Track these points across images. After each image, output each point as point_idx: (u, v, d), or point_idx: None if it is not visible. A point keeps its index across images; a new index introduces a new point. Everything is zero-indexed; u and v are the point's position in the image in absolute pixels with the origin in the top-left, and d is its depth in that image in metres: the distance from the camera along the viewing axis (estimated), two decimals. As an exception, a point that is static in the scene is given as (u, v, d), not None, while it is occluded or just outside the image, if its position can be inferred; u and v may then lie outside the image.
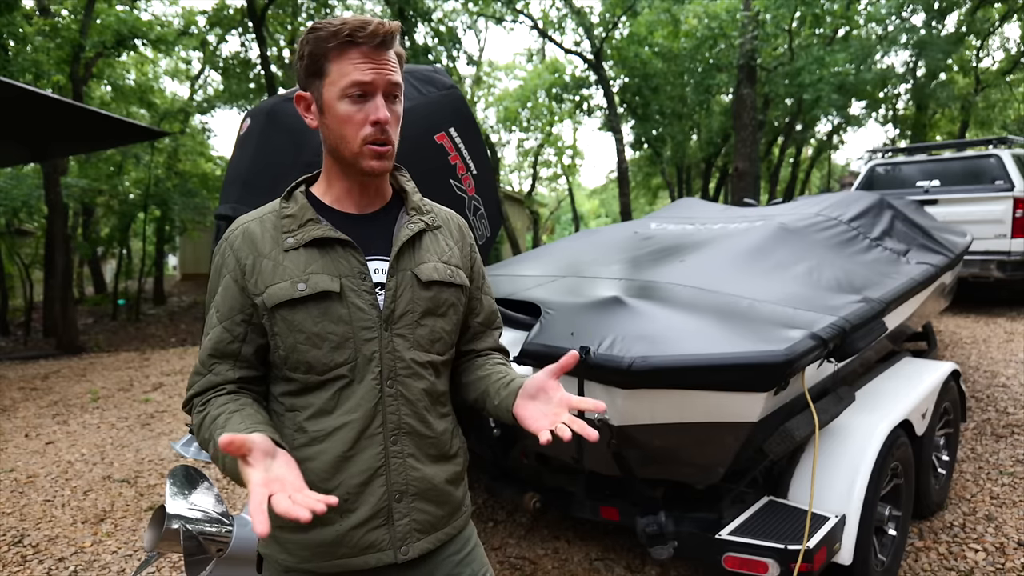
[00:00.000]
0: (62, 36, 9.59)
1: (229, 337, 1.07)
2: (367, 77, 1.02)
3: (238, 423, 0.99)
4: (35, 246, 11.90)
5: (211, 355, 1.07)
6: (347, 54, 1.02)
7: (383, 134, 1.04)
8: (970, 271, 6.59)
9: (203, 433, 1.04)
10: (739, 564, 1.91)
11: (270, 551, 1.12)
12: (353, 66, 1.02)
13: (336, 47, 1.02)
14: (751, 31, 11.65)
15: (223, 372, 1.07)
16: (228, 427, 0.98)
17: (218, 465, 1.00)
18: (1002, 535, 2.73)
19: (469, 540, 1.22)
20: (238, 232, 1.10)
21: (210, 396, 1.06)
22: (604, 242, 3.34)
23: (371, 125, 1.03)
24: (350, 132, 1.04)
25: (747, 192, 11.65)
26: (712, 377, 1.76)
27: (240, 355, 1.08)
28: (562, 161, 26.23)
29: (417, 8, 13.18)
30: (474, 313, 1.24)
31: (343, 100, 1.03)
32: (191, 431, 2.04)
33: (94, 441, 4.60)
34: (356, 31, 1.00)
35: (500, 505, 3.24)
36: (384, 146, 1.05)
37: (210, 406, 1.05)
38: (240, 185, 2.06)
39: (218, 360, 1.07)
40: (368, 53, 1.02)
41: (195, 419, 1.06)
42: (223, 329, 1.07)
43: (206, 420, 1.04)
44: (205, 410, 1.05)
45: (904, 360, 3.14)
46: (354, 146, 1.05)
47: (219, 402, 1.05)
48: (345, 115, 1.04)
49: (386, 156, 1.06)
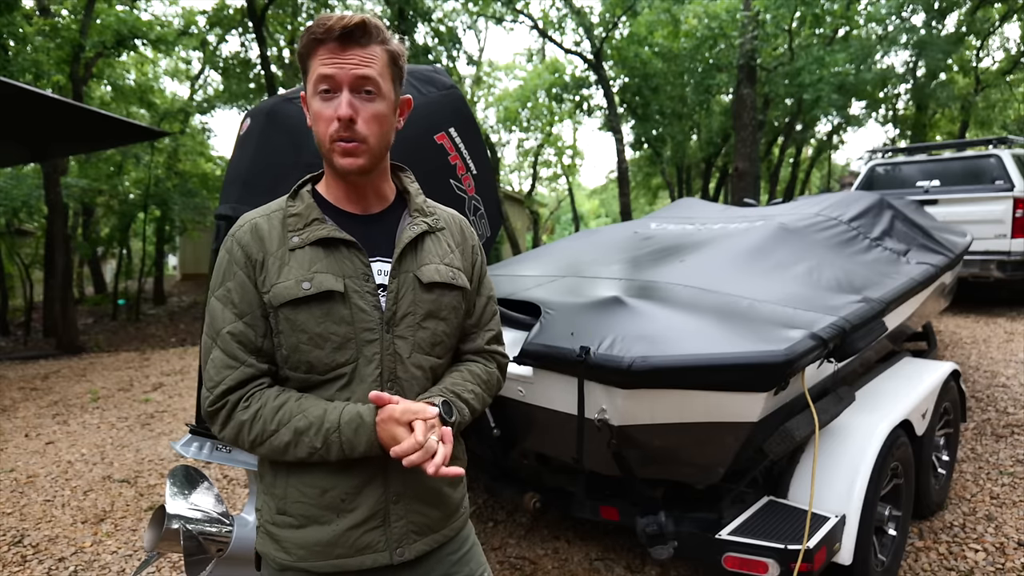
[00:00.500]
0: (62, 36, 9.58)
1: (252, 332, 1.06)
2: (329, 72, 1.02)
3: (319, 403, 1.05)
4: (35, 246, 11.90)
5: (240, 348, 1.05)
6: (317, 52, 1.03)
7: (347, 130, 1.02)
8: (970, 271, 6.58)
9: (263, 425, 1.03)
10: (739, 564, 1.91)
11: (267, 549, 1.12)
12: (320, 62, 1.02)
13: (309, 46, 1.03)
14: (751, 31, 11.65)
15: (256, 364, 1.06)
16: (311, 410, 1.03)
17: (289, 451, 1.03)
18: (1002, 535, 2.73)
19: (467, 540, 1.22)
20: (246, 228, 1.09)
21: (252, 390, 1.05)
22: (604, 242, 3.34)
23: (336, 121, 1.02)
24: (321, 129, 1.04)
25: (747, 192, 11.65)
26: (712, 377, 1.76)
27: (263, 349, 1.07)
28: (562, 161, 26.23)
29: (417, 8, 13.18)
30: (468, 313, 1.23)
31: (315, 98, 1.04)
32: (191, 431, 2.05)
33: (94, 441, 4.60)
34: (319, 28, 1.01)
35: (500, 505, 3.24)
36: (351, 143, 1.03)
37: (263, 399, 1.05)
38: (240, 185, 2.06)
39: (248, 353, 1.06)
40: (333, 49, 1.02)
41: (242, 416, 1.04)
42: (245, 324, 1.06)
43: (263, 412, 1.03)
44: (254, 404, 1.04)
45: (904, 360, 3.14)
46: (325, 143, 1.05)
47: (271, 394, 1.05)
48: (317, 112, 1.04)
49: (355, 153, 1.04)
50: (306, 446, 1.02)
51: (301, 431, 1.02)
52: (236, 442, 1.06)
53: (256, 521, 1.16)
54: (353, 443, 1.02)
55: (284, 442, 1.03)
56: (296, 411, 1.03)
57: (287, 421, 1.02)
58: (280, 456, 1.05)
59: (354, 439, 1.02)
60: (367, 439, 1.02)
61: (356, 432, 1.02)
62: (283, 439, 1.02)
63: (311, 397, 1.06)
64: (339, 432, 1.02)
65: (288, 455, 1.04)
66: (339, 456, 1.03)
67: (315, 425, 1.02)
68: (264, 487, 1.13)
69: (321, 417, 1.02)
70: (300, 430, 1.02)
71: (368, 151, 1.05)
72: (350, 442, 1.02)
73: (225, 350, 1.05)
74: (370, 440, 1.02)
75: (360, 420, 1.02)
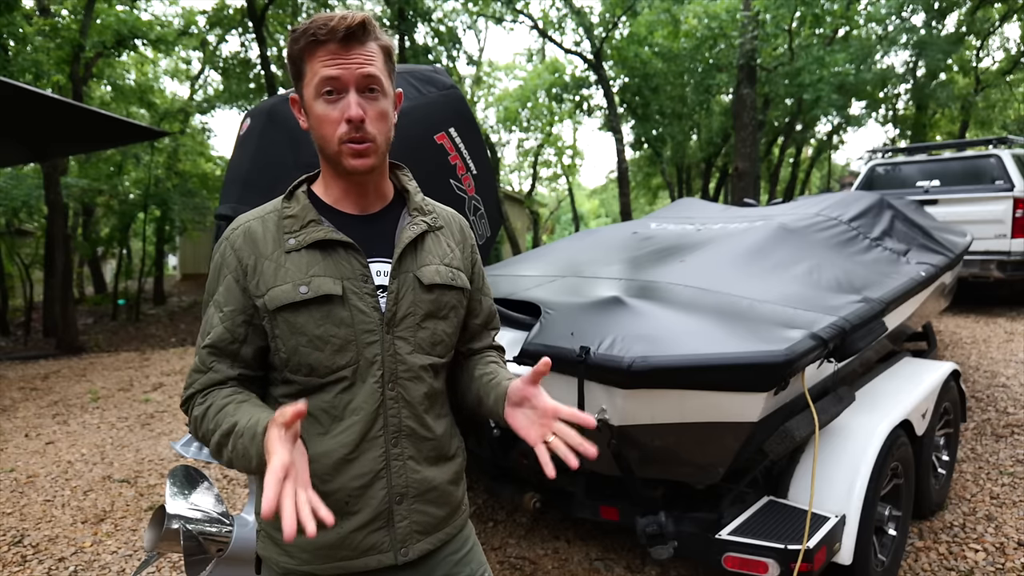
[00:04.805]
0: (62, 36, 9.58)
1: (230, 337, 1.05)
2: (334, 73, 1.00)
3: (250, 409, 0.99)
4: (35, 246, 11.90)
5: (211, 354, 1.05)
6: (316, 53, 1.01)
7: (358, 131, 1.02)
8: (970, 271, 6.59)
9: (207, 424, 1.02)
10: (739, 564, 1.91)
11: (269, 553, 1.11)
12: (321, 64, 1.01)
13: (306, 47, 1.01)
14: (751, 31, 11.65)
15: (223, 370, 1.06)
16: (240, 413, 0.98)
17: (222, 454, 0.99)
18: (1002, 535, 2.73)
19: (468, 540, 1.22)
20: (239, 231, 1.08)
21: (211, 391, 1.05)
22: (604, 242, 3.34)
23: (345, 123, 1.01)
24: (328, 132, 1.03)
25: (747, 192, 11.65)
26: (712, 377, 1.76)
27: (239, 355, 1.07)
28: (562, 161, 26.22)
29: (417, 8, 13.18)
30: (473, 314, 1.23)
31: (318, 100, 1.02)
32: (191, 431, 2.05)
33: (94, 441, 4.60)
34: (319, 29, 0.99)
35: (500, 505, 3.24)
36: (361, 143, 1.03)
37: (213, 398, 1.04)
38: (240, 185, 2.06)
39: (217, 359, 1.06)
40: (335, 50, 1.00)
41: (196, 412, 1.04)
42: (224, 329, 1.05)
43: (210, 411, 1.02)
44: (207, 402, 1.04)
45: (904, 360, 3.14)
46: (333, 146, 1.03)
47: (223, 394, 1.04)
48: (321, 115, 1.02)
49: (365, 153, 1.04)
50: (227, 451, 0.98)
51: (226, 433, 0.98)
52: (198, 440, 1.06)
53: (256, 524, 1.15)
54: (249, 452, 0.93)
55: (216, 444, 1.00)
56: (230, 413, 0.99)
57: (221, 423, 0.99)
58: (219, 459, 1.02)
59: (249, 447, 0.93)
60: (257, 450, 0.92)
61: (252, 440, 0.93)
62: (215, 440, 1.00)
63: (253, 401, 1.03)
64: (242, 439, 0.95)
65: (223, 459, 1.00)
66: (243, 468, 0.96)
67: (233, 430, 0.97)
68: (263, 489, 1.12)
69: (239, 421, 0.97)
70: (225, 432, 0.98)
71: (376, 150, 1.05)
72: (246, 450, 0.94)
73: (200, 356, 1.06)
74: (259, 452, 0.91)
75: (255, 428, 0.93)
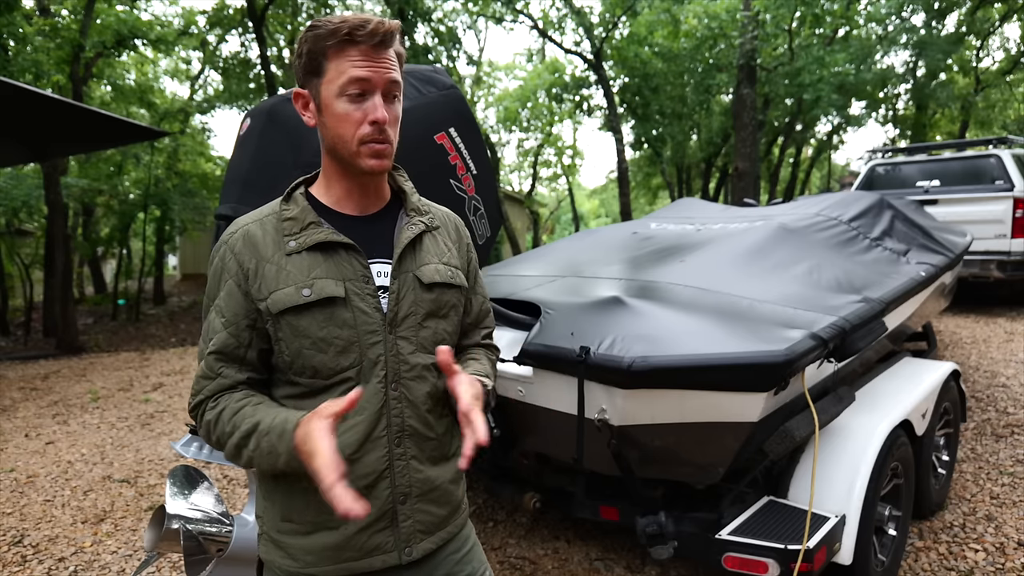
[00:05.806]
0: (62, 36, 9.58)
1: (235, 342, 1.05)
2: (366, 75, 1.01)
3: (271, 410, 1.01)
4: (35, 246, 11.90)
5: (218, 360, 1.05)
6: (346, 52, 1.01)
7: (381, 134, 1.03)
8: (970, 271, 6.59)
9: (221, 427, 1.02)
10: (739, 564, 1.91)
11: (272, 556, 1.11)
12: (352, 64, 1.01)
13: (335, 45, 1.01)
14: (751, 31, 11.65)
15: (231, 375, 1.06)
16: (260, 414, 1.00)
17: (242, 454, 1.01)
18: (1002, 535, 2.73)
19: (468, 539, 1.22)
20: (238, 235, 1.08)
21: (222, 395, 1.05)
22: (604, 242, 3.34)
23: (369, 124, 1.02)
24: (348, 131, 1.03)
25: (747, 192, 11.65)
26: (712, 377, 1.76)
27: (246, 359, 1.07)
28: (562, 161, 26.22)
29: (417, 8, 13.18)
30: (465, 312, 1.24)
31: (341, 98, 1.02)
32: (191, 431, 2.05)
33: (94, 441, 4.60)
34: (356, 29, 1.00)
35: (500, 505, 3.24)
36: (382, 145, 1.04)
37: (225, 402, 1.04)
38: (240, 185, 2.06)
39: (225, 364, 1.06)
40: (367, 52, 1.01)
41: (208, 417, 1.04)
42: (229, 335, 1.05)
43: (224, 414, 1.02)
44: (219, 406, 1.04)
45: (904, 360, 3.14)
46: (352, 145, 1.04)
47: (236, 397, 1.05)
48: (343, 113, 1.03)
49: (384, 155, 1.05)
50: (248, 451, 1.00)
51: (247, 434, 1.00)
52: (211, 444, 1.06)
53: (258, 528, 1.15)
54: (276, 449, 0.97)
55: (235, 445, 1.01)
56: (249, 414, 1.01)
57: (240, 424, 1.01)
58: (236, 461, 1.03)
59: (277, 444, 0.97)
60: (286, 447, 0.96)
61: (280, 438, 0.97)
62: (234, 442, 1.01)
63: (268, 403, 1.05)
64: (268, 436, 0.98)
65: (242, 460, 1.02)
66: (269, 465, 0.99)
67: (256, 429, 0.99)
68: (264, 492, 1.12)
69: (262, 421, 1.00)
70: (246, 433, 1.00)
71: (392, 153, 1.07)
72: (272, 448, 0.97)
73: (206, 362, 1.06)
74: (289, 448, 0.95)
75: (284, 426, 0.97)
